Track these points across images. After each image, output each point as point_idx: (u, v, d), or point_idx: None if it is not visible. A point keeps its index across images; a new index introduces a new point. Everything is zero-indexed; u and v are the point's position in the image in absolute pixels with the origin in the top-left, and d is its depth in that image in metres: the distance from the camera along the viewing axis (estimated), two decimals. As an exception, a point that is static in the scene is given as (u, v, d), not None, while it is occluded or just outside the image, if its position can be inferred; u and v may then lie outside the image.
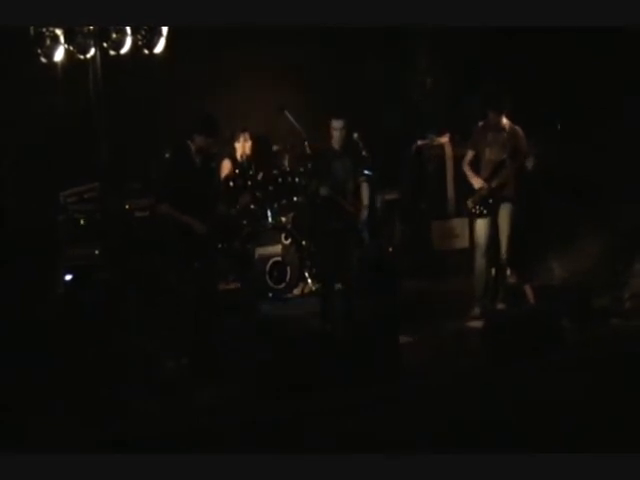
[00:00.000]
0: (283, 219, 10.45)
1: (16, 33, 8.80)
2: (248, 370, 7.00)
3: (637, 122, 9.81)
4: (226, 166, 10.16)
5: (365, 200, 8.80)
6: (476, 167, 9.06)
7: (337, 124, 8.62)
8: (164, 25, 8.98)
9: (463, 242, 10.18)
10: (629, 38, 9.14)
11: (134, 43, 9.15)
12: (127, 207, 9.48)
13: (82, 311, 7.94)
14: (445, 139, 11.17)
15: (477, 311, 9.04)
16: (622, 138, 9.85)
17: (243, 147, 10.31)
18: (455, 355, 7.98)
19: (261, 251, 10.03)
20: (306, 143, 9.69)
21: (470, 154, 9.11)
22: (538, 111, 9.84)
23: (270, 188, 10.13)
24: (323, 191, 8.57)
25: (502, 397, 6.33)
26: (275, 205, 10.27)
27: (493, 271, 9.20)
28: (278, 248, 10.11)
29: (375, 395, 6.45)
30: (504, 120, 8.95)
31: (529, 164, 8.90)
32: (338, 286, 8.79)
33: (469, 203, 9.03)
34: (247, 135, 10.32)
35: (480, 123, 9.09)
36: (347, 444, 5.55)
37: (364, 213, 8.77)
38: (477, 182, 8.98)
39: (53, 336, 7.63)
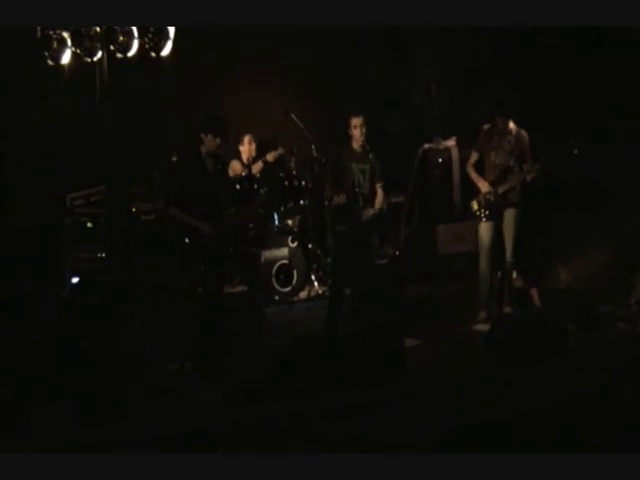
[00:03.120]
0: (289, 222, 10.45)
1: (23, 36, 8.86)
2: (249, 371, 6.99)
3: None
4: (232, 169, 10.16)
5: (378, 205, 8.58)
6: (480, 170, 9.03)
7: (357, 121, 8.31)
8: (170, 25, 8.99)
9: (470, 246, 10.12)
10: (629, 38, 9.12)
11: (141, 46, 9.16)
12: (133, 210, 9.52)
13: (86, 312, 7.94)
14: (452, 142, 11.16)
15: (483, 315, 9.02)
16: (629, 141, 9.83)
17: (249, 150, 10.32)
18: (460, 358, 7.96)
19: (267, 254, 10.03)
20: (313, 146, 9.69)
21: (474, 156, 9.03)
22: (539, 112, 9.83)
23: (277, 191, 10.14)
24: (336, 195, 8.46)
25: (502, 398, 6.31)
26: (282, 208, 10.27)
27: (499, 275, 9.17)
28: (284, 251, 10.12)
29: (374, 396, 6.44)
30: (511, 124, 8.92)
31: (529, 177, 8.85)
32: (347, 290, 8.76)
33: (473, 205, 9.00)
34: (251, 138, 10.33)
35: (486, 126, 9.04)
36: (347, 444, 5.53)
37: (375, 218, 8.55)
38: (484, 185, 8.91)
39: (55, 337, 7.64)
